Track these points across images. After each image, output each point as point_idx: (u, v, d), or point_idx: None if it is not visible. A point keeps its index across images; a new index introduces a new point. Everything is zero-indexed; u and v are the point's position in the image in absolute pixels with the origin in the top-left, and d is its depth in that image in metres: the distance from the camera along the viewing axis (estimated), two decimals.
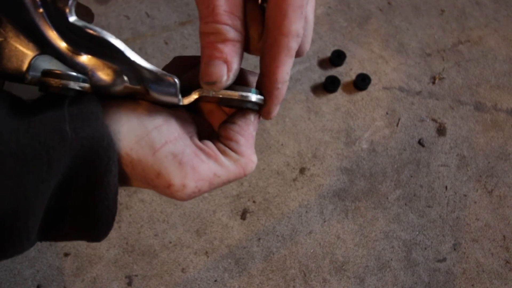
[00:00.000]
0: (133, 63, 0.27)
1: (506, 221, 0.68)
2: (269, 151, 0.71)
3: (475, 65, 0.80)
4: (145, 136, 0.27)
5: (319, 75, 0.77)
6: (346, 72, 0.77)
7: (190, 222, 0.66)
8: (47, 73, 0.27)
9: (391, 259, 0.65)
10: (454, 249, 0.66)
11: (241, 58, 0.30)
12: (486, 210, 0.69)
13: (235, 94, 0.30)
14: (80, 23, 0.26)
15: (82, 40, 0.26)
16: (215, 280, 0.63)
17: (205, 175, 0.28)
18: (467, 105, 0.76)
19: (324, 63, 0.78)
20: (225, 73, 0.29)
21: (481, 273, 0.65)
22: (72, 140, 0.24)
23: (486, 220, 0.68)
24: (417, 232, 0.67)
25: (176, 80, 0.28)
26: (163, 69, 0.32)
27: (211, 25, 0.28)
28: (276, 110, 0.32)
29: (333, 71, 0.77)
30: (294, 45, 0.29)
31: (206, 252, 0.65)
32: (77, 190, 0.26)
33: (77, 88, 0.27)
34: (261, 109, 0.32)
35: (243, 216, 0.67)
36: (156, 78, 0.28)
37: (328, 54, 0.78)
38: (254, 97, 0.30)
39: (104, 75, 0.27)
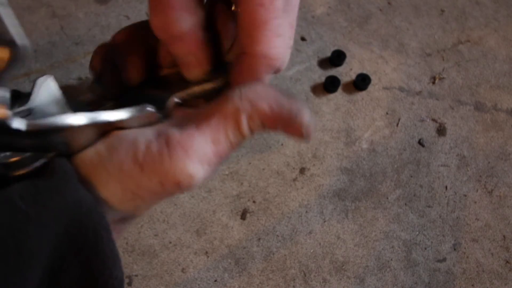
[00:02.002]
0: (109, 124, 0.24)
1: (506, 221, 0.68)
2: (269, 151, 0.71)
3: (475, 65, 0.80)
4: (125, 163, 0.23)
5: (319, 75, 0.77)
6: (346, 72, 0.77)
7: (190, 222, 0.66)
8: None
9: (391, 259, 0.65)
10: (454, 249, 0.66)
11: (206, 40, 0.26)
12: (486, 210, 0.69)
13: (208, 86, 0.27)
14: (24, 125, 0.21)
15: (38, 136, 0.22)
16: (215, 280, 0.63)
17: (202, 150, 0.23)
18: (467, 105, 0.76)
19: (324, 63, 0.78)
20: (197, 68, 0.26)
21: (481, 273, 0.65)
22: (41, 218, 0.21)
23: (486, 220, 0.68)
24: (417, 232, 0.67)
25: (153, 110, 0.25)
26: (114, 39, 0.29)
27: (160, 17, 0.24)
28: None
29: (333, 71, 0.77)
30: (269, 70, 0.26)
31: (206, 252, 0.65)
32: (69, 270, 0.22)
33: (40, 164, 0.23)
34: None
35: (243, 216, 0.67)
36: (134, 121, 0.25)
37: (328, 54, 0.78)
38: (220, 81, 0.27)
39: (76, 144, 0.24)
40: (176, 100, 0.27)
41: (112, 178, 0.23)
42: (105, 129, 0.25)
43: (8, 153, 0.23)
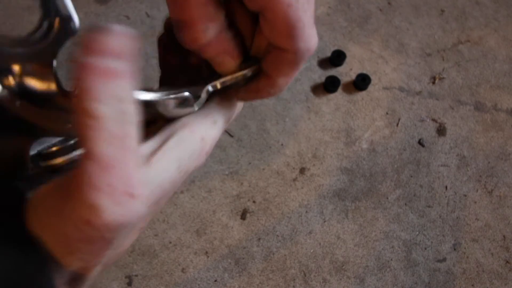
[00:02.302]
0: (148, 105, 0.24)
1: (506, 221, 0.68)
2: (269, 151, 0.71)
3: (475, 65, 0.80)
4: (48, 213, 0.22)
5: (319, 75, 0.77)
6: (346, 72, 0.77)
7: (190, 222, 0.66)
8: (48, 155, 0.24)
9: (391, 259, 0.65)
10: (454, 249, 0.66)
11: (232, 37, 0.27)
12: (486, 210, 0.69)
13: (239, 75, 0.28)
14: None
15: None
16: (215, 280, 0.63)
17: (92, 173, 0.20)
18: (467, 105, 0.76)
19: (324, 63, 0.78)
20: (233, 64, 0.27)
21: (481, 273, 0.65)
22: None
23: (486, 220, 0.68)
24: (417, 232, 0.67)
25: (190, 95, 0.26)
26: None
27: (186, 32, 0.25)
28: None
29: (333, 71, 0.77)
30: (303, 62, 0.27)
31: (206, 252, 0.65)
32: None
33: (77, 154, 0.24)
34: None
35: (243, 216, 0.67)
36: (171, 105, 0.26)
37: (328, 54, 0.78)
38: (251, 70, 0.28)
39: None
40: (210, 89, 0.28)
41: (45, 229, 0.22)
42: (147, 114, 0.26)
43: (48, 144, 0.24)
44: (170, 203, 0.67)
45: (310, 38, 0.26)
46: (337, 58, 0.77)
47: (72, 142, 0.24)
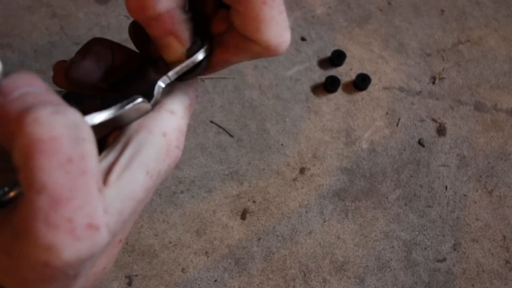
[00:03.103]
0: (103, 125, 0.22)
1: (506, 221, 0.68)
2: (269, 151, 0.71)
3: (475, 65, 0.80)
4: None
5: (319, 75, 0.77)
6: (346, 72, 0.77)
7: (190, 222, 0.66)
8: None
9: (391, 259, 0.65)
10: (454, 249, 0.66)
11: (186, 20, 0.24)
12: (486, 210, 0.69)
13: (189, 62, 0.26)
14: None
15: None
16: (215, 280, 0.63)
17: (39, 209, 0.17)
18: (467, 105, 0.76)
19: (324, 63, 0.78)
20: (179, 49, 0.25)
21: (481, 273, 0.65)
22: None
23: (486, 220, 0.68)
24: (417, 232, 0.67)
25: (143, 100, 0.24)
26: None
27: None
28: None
29: (333, 71, 0.77)
30: (269, 56, 0.26)
31: (206, 252, 0.65)
32: None
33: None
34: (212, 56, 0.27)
35: (243, 216, 0.67)
36: (126, 116, 0.24)
37: (328, 54, 0.78)
38: (201, 54, 0.26)
39: None
40: (162, 85, 0.26)
41: None
42: (101, 132, 0.24)
43: (6, 189, 0.21)
44: (170, 203, 0.67)
45: (283, 37, 0.25)
46: (337, 58, 0.77)
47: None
